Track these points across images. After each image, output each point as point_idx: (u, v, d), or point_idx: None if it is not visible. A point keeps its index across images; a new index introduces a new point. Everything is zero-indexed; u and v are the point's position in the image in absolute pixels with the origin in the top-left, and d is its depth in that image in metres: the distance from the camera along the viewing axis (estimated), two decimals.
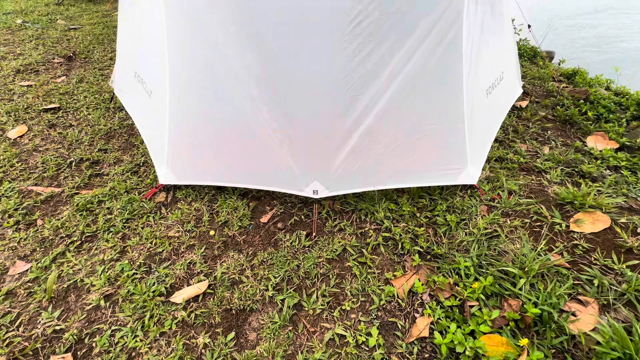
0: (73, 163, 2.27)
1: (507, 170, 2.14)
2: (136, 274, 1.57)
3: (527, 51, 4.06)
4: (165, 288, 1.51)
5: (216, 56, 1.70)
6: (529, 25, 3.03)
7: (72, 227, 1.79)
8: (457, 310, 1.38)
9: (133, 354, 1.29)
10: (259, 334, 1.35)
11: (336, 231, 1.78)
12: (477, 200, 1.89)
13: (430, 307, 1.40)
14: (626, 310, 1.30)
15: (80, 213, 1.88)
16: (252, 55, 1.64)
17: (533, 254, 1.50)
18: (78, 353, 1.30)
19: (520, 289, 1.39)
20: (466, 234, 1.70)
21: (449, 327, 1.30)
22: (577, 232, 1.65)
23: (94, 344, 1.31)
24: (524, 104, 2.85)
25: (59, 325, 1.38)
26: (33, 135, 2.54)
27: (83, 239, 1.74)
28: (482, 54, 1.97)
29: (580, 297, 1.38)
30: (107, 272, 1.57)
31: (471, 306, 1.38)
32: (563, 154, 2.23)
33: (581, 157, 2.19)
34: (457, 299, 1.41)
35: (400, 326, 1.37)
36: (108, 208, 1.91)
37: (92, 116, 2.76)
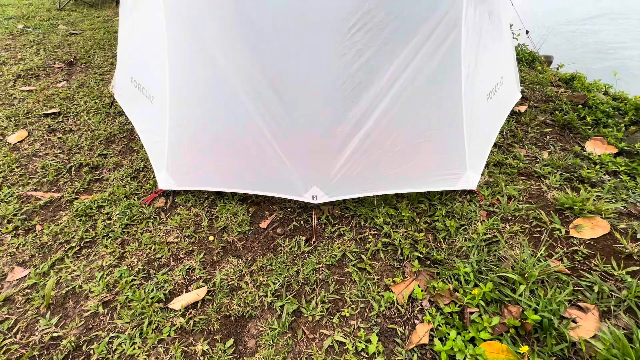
0: (73, 168, 2.27)
1: (507, 175, 2.14)
2: (135, 280, 1.56)
3: (526, 56, 4.08)
4: (164, 294, 1.50)
5: (215, 62, 1.71)
6: (527, 31, 3.05)
7: (71, 233, 1.79)
8: (457, 316, 1.38)
9: None
10: (258, 341, 1.34)
11: (335, 237, 1.78)
12: (477, 205, 1.89)
13: (430, 314, 1.39)
14: (627, 317, 1.30)
15: (79, 218, 1.87)
16: (251, 61, 1.65)
17: (533, 260, 1.50)
18: None
19: (520, 296, 1.39)
20: (466, 240, 1.69)
21: (449, 334, 1.29)
22: (577, 238, 1.65)
23: (92, 352, 1.31)
24: (523, 109, 2.86)
25: (57, 332, 1.37)
26: (33, 140, 2.55)
27: (82, 245, 1.74)
28: (481, 60, 1.98)
29: (580, 304, 1.37)
30: (106, 278, 1.57)
31: (471, 313, 1.38)
32: (562, 159, 2.24)
33: (580, 162, 2.19)
34: (457, 305, 1.41)
35: (399, 333, 1.36)
36: (107, 213, 1.91)
37: (92, 121, 2.77)
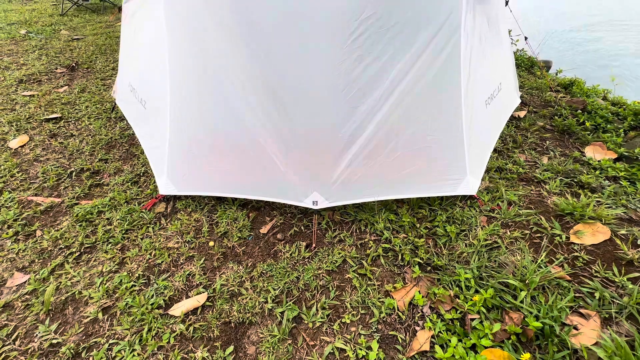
0: (73, 173, 2.27)
1: (507, 180, 2.14)
2: (135, 286, 1.56)
3: (525, 61, 4.11)
4: (164, 300, 1.49)
5: (216, 67, 1.72)
6: (526, 37, 3.08)
7: (71, 238, 1.79)
8: (458, 323, 1.37)
9: None
10: (258, 348, 1.34)
11: (336, 242, 1.78)
12: (477, 211, 1.89)
13: (430, 320, 1.39)
14: (628, 324, 1.29)
15: (79, 224, 1.87)
16: (252, 66, 1.66)
17: (533, 266, 1.50)
18: None
19: (521, 302, 1.38)
20: (466, 245, 1.69)
21: (450, 341, 1.29)
22: (577, 244, 1.65)
23: (91, 359, 1.30)
24: (522, 114, 2.88)
25: (56, 338, 1.36)
26: (34, 145, 2.55)
27: (82, 250, 1.74)
28: (480, 66, 1.99)
29: (581, 310, 1.37)
30: (106, 284, 1.56)
31: (472, 319, 1.37)
32: (562, 164, 2.24)
33: (580, 168, 2.20)
34: (458, 312, 1.40)
35: (400, 340, 1.35)
36: (108, 219, 1.91)
37: (94, 126, 2.78)
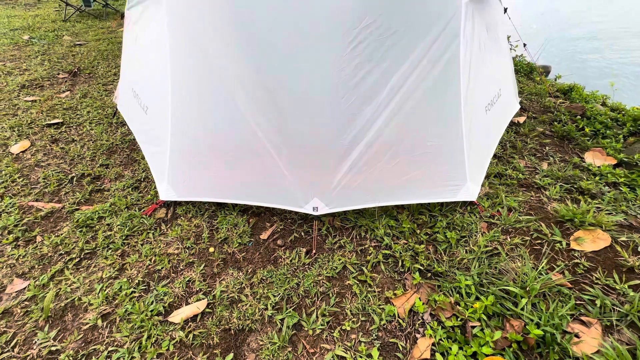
0: (74, 178, 2.28)
1: (507, 186, 2.14)
2: (134, 293, 1.55)
3: (524, 67, 4.13)
4: (163, 307, 1.49)
5: (216, 74, 1.73)
6: (525, 44, 3.10)
7: (72, 244, 1.79)
8: (459, 330, 1.36)
9: None
10: (258, 355, 1.33)
11: (336, 248, 1.78)
12: (477, 217, 1.89)
13: (431, 328, 1.38)
14: (629, 331, 1.29)
15: (80, 229, 1.88)
16: (252, 73, 1.67)
17: (534, 273, 1.50)
18: None
19: (522, 309, 1.38)
20: (466, 252, 1.69)
21: (451, 349, 1.28)
22: (578, 251, 1.65)
23: None
24: (522, 120, 2.89)
25: (55, 345, 1.36)
26: (36, 150, 2.56)
27: (82, 256, 1.73)
28: (480, 72, 2.01)
29: (582, 318, 1.36)
30: (105, 291, 1.56)
31: (473, 326, 1.37)
32: (562, 170, 2.25)
33: (580, 174, 2.20)
34: (459, 319, 1.40)
35: (401, 347, 1.35)
36: (108, 224, 1.91)
37: (95, 131, 2.79)
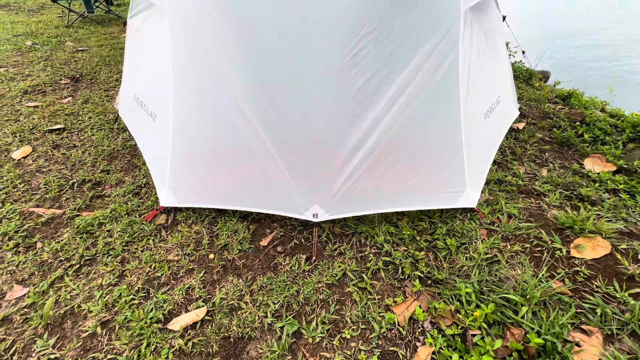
0: (75, 184, 2.29)
1: (506, 192, 2.15)
2: (134, 300, 1.55)
3: (523, 73, 4.16)
4: (163, 314, 1.49)
5: (217, 80, 1.75)
6: (523, 51, 3.12)
7: (72, 251, 1.79)
8: (459, 339, 1.36)
9: None
10: None
11: (336, 255, 1.77)
12: (477, 223, 1.90)
13: (431, 336, 1.38)
14: (630, 340, 1.28)
15: (80, 236, 1.88)
16: (253, 80, 1.68)
17: (534, 281, 1.49)
18: None
19: (522, 317, 1.38)
20: (466, 259, 1.69)
21: (451, 357, 1.27)
22: (578, 258, 1.65)
23: None
24: (521, 126, 2.90)
25: (54, 353, 1.35)
26: (37, 155, 2.57)
27: (82, 263, 1.73)
28: (479, 79, 2.02)
29: (583, 327, 1.36)
30: (105, 298, 1.56)
31: (473, 335, 1.36)
32: (561, 177, 2.25)
33: (579, 180, 2.20)
34: (459, 327, 1.39)
35: (401, 356, 1.34)
36: (108, 230, 1.92)
37: (96, 137, 2.81)
